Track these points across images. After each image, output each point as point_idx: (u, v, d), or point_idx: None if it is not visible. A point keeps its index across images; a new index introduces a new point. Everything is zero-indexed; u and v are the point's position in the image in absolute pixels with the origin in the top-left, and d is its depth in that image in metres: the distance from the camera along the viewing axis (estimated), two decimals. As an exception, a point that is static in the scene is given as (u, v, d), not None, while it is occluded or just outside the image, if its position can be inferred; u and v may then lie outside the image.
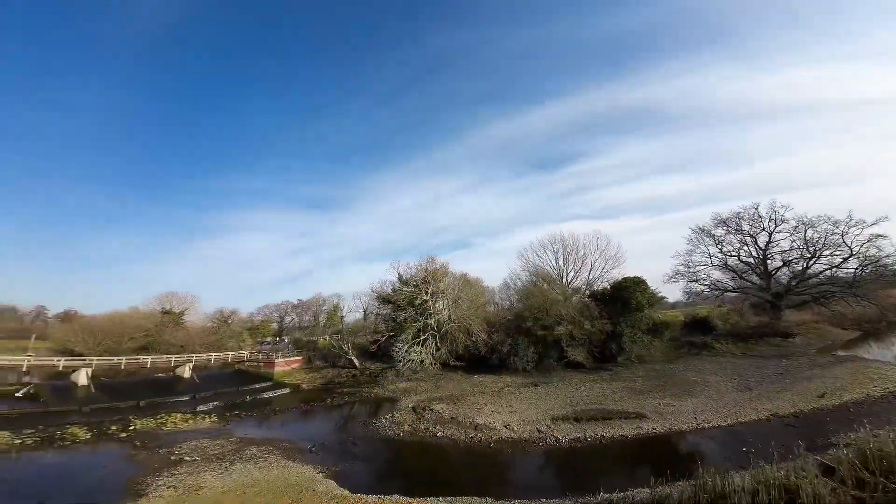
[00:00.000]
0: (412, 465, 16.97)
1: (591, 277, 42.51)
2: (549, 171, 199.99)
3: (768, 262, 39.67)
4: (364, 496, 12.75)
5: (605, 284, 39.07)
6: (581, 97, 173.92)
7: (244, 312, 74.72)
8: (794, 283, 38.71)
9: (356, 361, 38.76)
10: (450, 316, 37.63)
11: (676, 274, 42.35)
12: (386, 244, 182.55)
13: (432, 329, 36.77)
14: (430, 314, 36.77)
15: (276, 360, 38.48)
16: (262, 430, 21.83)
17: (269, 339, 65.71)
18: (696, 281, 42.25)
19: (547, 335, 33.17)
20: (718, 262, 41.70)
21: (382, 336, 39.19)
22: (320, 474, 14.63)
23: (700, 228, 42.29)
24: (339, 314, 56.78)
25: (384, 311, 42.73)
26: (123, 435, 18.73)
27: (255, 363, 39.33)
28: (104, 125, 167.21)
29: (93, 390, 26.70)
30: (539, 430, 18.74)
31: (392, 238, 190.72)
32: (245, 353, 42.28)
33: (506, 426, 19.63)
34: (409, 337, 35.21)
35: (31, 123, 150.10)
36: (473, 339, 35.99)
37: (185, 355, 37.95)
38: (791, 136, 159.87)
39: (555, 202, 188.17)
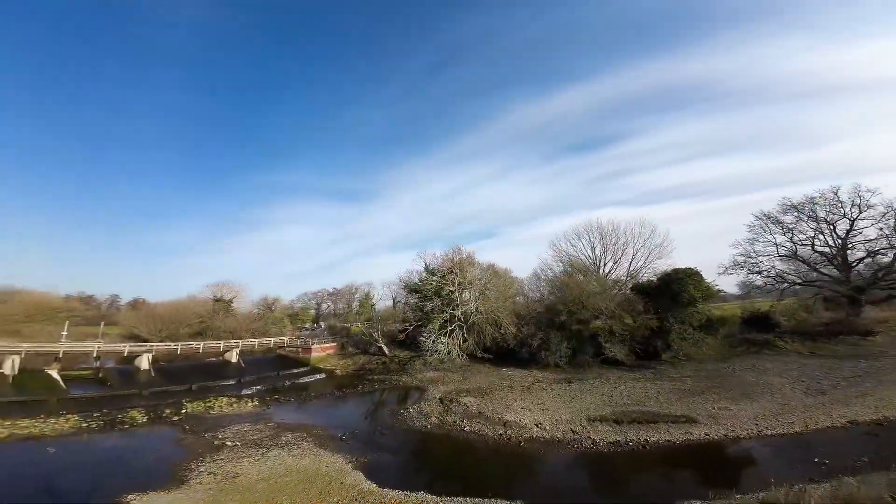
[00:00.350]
0: (439, 459, 16.63)
1: (632, 268, 39.62)
2: (583, 155, 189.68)
3: (848, 252, 34.57)
4: (390, 492, 12.55)
5: (650, 276, 36.20)
6: (621, 75, 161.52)
7: (286, 300, 79.03)
8: (879, 275, 33.49)
9: (386, 349, 39.38)
10: (477, 307, 36.84)
11: (735, 265, 38.32)
12: (414, 233, 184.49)
13: (459, 320, 36.19)
14: (457, 305, 36.21)
15: (313, 347, 40.02)
16: (299, 414, 22.58)
17: (307, 325, 69.04)
18: (759, 273, 37.90)
19: (582, 329, 31.41)
20: (787, 252, 37.04)
21: (410, 325, 39.22)
22: (349, 465, 14.69)
23: (765, 215, 37.72)
24: (371, 302, 57.98)
25: (412, 301, 42.82)
26: (175, 418, 20.12)
27: (295, 349, 41.19)
28: (158, 126, 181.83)
29: (152, 374, 29.20)
30: (574, 431, 17.61)
31: (420, 227, 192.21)
32: (286, 339, 44.42)
33: (537, 425, 18.69)
34: (436, 327, 34.92)
35: (99, 126, 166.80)
36: (502, 331, 34.98)
37: (234, 341, 40.49)
38: (877, 114, 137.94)
39: (590, 187, 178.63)
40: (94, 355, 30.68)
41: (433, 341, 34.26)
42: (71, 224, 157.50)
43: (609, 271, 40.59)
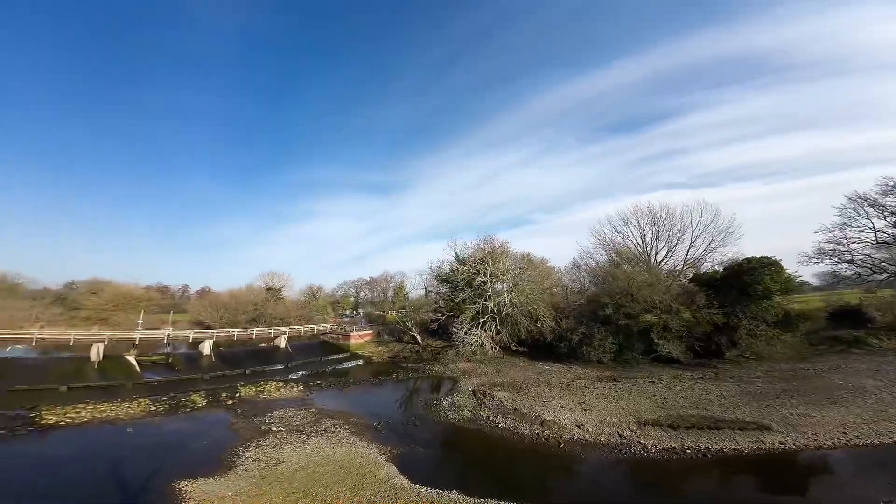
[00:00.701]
0: (472, 456, 16.06)
1: (689, 257, 35.76)
2: (627, 134, 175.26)
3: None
4: (422, 489, 12.26)
5: (713, 265, 32.42)
6: (672, 46, 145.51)
7: (328, 288, 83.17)
8: None
9: (419, 338, 39.64)
10: (510, 299, 35.36)
11: (820, 253, 33.00)
12: (444, 223, 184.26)
13: (492, 312, 35.03)
14: (489, 296, 35.01)
15: (352, 334, 41.50)
16: (338, 401, 23.23)
17: (347, 312, 72.13)
18: (850, 262, 32.42)
19: (631, 324, 28.99)
20: (888, 238, 31.18)
21: (442, 315, 38.78)
22: (383, 456, 14.68)
23: (860, 196, 31.83)
24: (404, 291, 58.82)
25: (443, 290, 42.47)
26: (230, 402, 21.63)
27: (336, 335, 43.01)
28: (211, 132, 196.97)
29: (213, 359, 31.86)
30: (621, 435, 16.16)
31: (449, 216, 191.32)
32: (328, 326, 46.51)
33: (578, 425, 17.47)
34: (468, 318, 34.16)
35: (158, 131, 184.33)
36: (538, 324, 33.43)
37: (283, 327, 43.17)
38: None
39: (635, 170, 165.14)
40: (165, 341, 34.12)
41: (465, 333, 33.65)
42: (149, 221, 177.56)
43: (662, 260, 37.01)
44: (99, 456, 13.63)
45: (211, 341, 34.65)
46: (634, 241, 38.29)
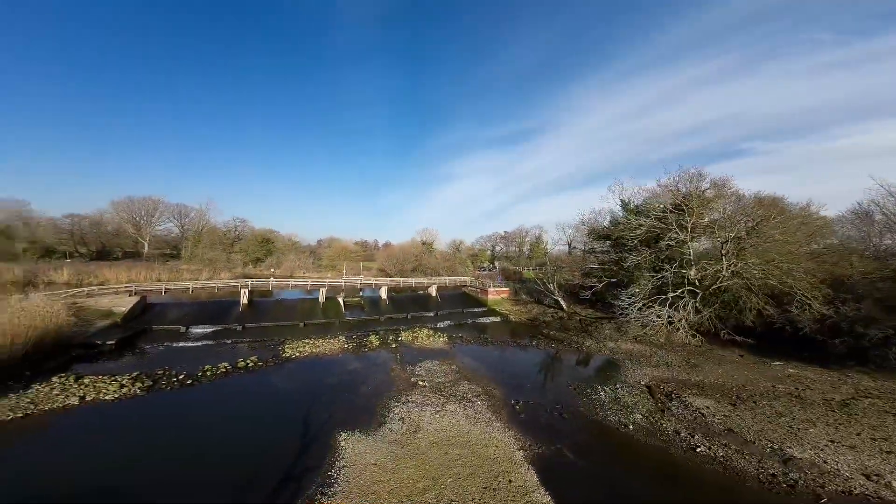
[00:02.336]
0: (649, 487, 10.40)
1: None
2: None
3: None
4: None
5: None
6: None
7: (468, 242, 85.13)
8: None
9: (563, 303, 33.18)
10: (729, 267, 21.92)
11: None
12: (587, 168, 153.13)
13: (691, 284, 22.85)
14: (689, 262, 22.85)
15: (489, 289, 39.67)
16: (478, 360, 21.70)
17: (485, 266, 71.99)
18: None
19: None
20: None
21: (598, 280, 29.46)
22: (520, 452, 11.70)
23: None
24: (542, 247, 52.05)
25: (599, 249, 32.68)
26: (394, 346, 23.54)
27: (475, 289, 42.62)
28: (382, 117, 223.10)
29: (387, 303, 36.64)
30: None
31: (594, 161, 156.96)
32: (468, 279, 46.63)
33: (867, 476, 9.45)
34: (646, 291, 23.20)
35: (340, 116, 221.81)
36: (788, 305, 20.37)
37: (434, 278, 46.18)
38: None
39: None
40: (359, 286, 41.51)
41: (639, 310, 23.15)
42: (349, 189, 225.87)
43: None
44: (306, 384, 16.67)
45: (386, 287, 39.82)
46: None
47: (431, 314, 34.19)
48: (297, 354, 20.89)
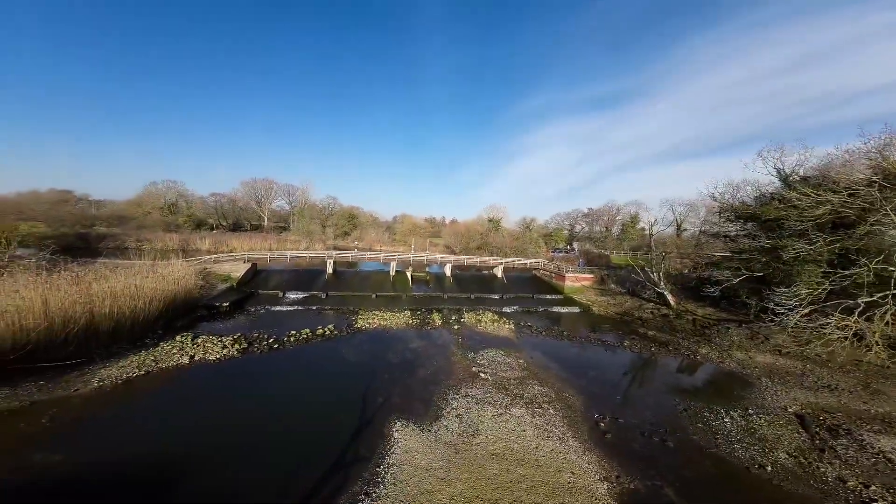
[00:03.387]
0: None
1: None
2: None
3: None
4: None
5: None
6: None
7: (540, 220, 77.83)
8: None
9: (670, 298, 26.76)
10: None
11: None
12: (705, 136, 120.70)
13: None
14: None
15: (567, 275, 34.67)
16: (550, 356, 19.00)
17: (560, 247, 64.80)
18: None
19: None
20: None
21: (733, 273, 21.61)
22: (604, 486, 9.15)
23: None
24: (638, 227, 43.43)
25: (736, 233, 25.35)
26: (456, 327, 22.44)
27: (549, 273, 38.30)
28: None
29: (451, 281, 35.82)
30: None
31: (717, 127, 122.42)
32: (540, 262, 42.25)
33: None
34: (811, 292, 16.48)
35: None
36: None
37: (500, 258, 43.41)
38: None
39: None
40: (425, 261, 41.73)
41: (804, 316, 16.48)
42: (429, 168, 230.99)
43: None
44: (371, 357, 16.86)
45: (451, 265, 39.02)
46: None
47: (496, 297, 32.01)
48: (367, 326, 21.59)
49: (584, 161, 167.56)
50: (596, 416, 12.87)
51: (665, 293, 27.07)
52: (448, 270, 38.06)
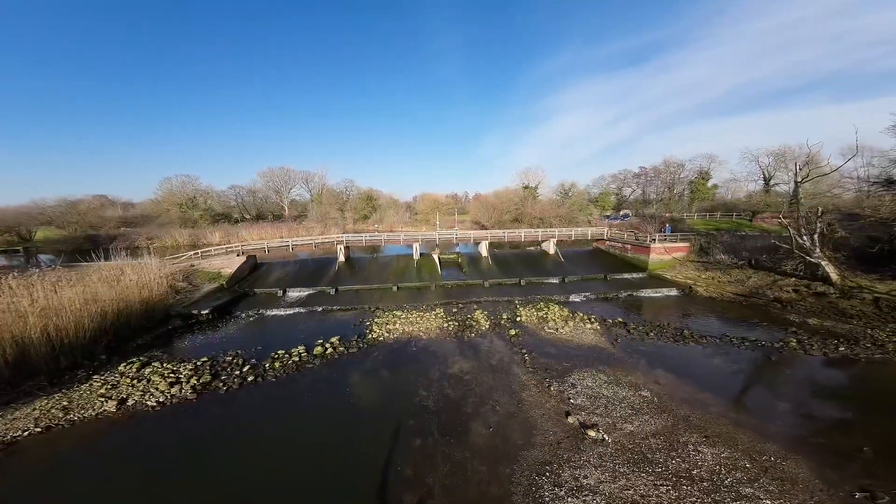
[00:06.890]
0: None
1: None
2: None
3: None
4: None
5: None
6: None
7: (581, 185, 66.98)
8: None
9: (831, 270, 18.11)
10: None
11: None
12: (753, 85, 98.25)
13: None
14: None
15: (653, 245, 25.75)
16: (685, 378, 11.37)
17: (609, 213, 54.53)
18: None
19: None
20: None
21: None
22: None
23: None
24: (707, 183, 33.28)
25: None
26: (512, 332, 15.50)
27: (618, 244, 29.60)
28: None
29: (490, 262, 28.60)
30: None
31: (766, 74, 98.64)
32: (605, 231, 33.22)
33: None
34: None
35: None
36: None
37: (550, 230, 35.10)
38: None
39: None
40: (454, 240, 34.63)
41: None
42: (448, 145, 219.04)
43: None
44: (390, 397, 9.77)
45: (486, 242, 31.60)
46: None
47: (555, 280, 24.37)
48: (386, 335, 15.18)
49: (620, 119, 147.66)
50: (857, 495, 5.57)
51: (822, 263, 18.02)
52: (484, 250, 30.69)
